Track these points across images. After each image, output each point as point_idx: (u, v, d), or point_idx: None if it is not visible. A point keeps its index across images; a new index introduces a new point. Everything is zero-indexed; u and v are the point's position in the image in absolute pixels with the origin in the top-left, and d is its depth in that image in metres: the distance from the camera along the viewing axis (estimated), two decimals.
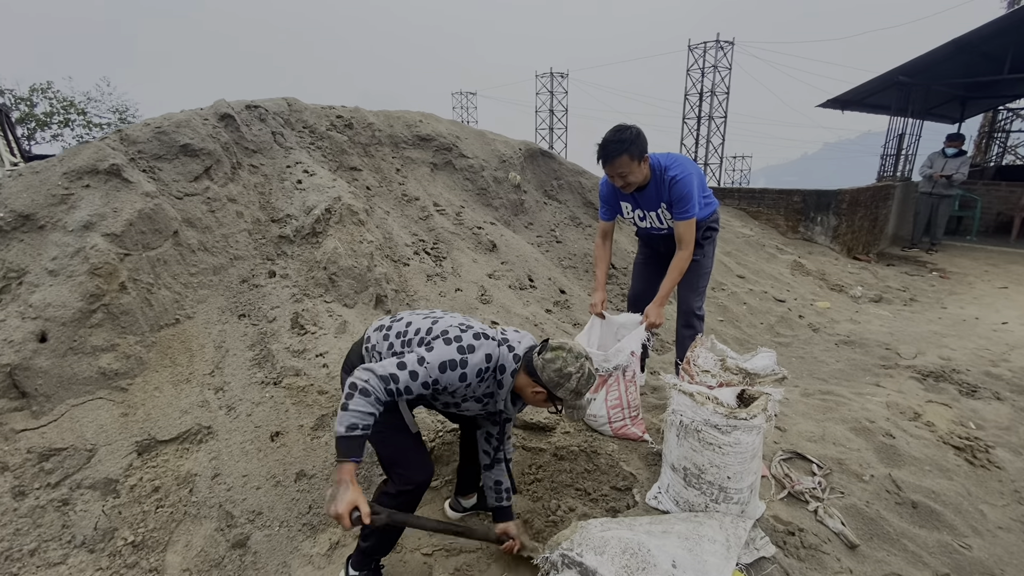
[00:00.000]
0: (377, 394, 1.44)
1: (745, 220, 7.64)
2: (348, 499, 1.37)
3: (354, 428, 1.40)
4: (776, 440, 2.56)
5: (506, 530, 1.83)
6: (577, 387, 1.57)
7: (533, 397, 1.64)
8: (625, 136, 2.27)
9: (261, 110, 3.73)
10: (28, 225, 2.36)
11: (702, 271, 2.78)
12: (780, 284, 5.63)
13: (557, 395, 1.59)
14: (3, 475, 1.93)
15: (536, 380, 1.59)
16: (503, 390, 1.63)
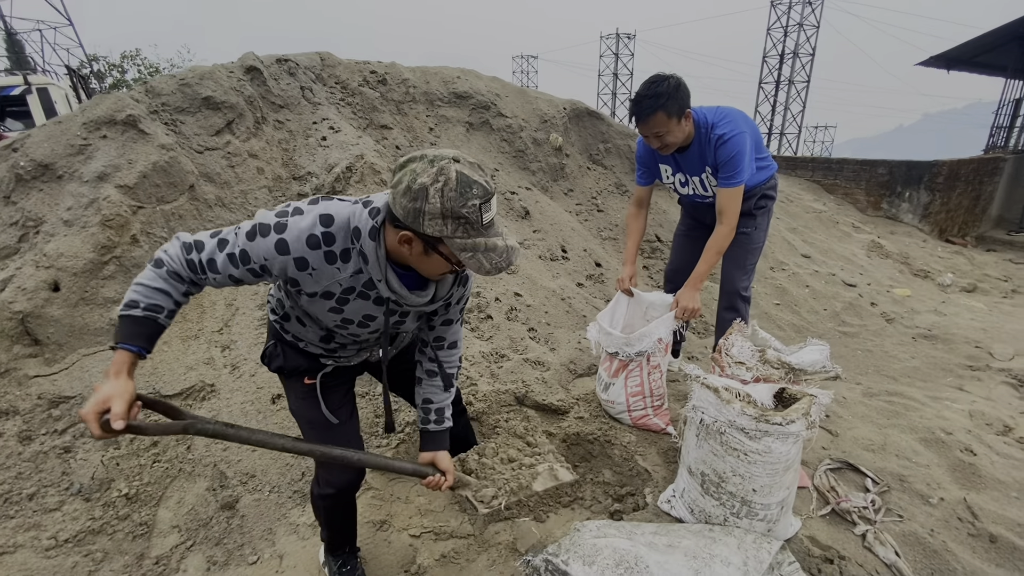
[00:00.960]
0: (172, 265, 1.09)
1: (818, 194, 6.88)
2: (101, 395, 1.00)
3: (134, 306, 1.07)
4: (825, 446, 2.22)
5: (433, 460, 1.39)
6: (446, 205, 0.97)
7: (415, 260, 1.10)
8: (661, 89, 1.92)
9: (291, 64, 3.62)
10: (48, 175, 2.37)
11: (752, 246, 2.41)
12: (852, 266, 5.01)
13: (426, 232, 1.00)
14: (13, 419, 1.98)
15: (395, 224, 1.05)
16: (372, 262, 1.10)
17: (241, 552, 1.82)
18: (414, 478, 1.50)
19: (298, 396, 1.41)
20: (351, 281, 1.14)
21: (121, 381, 1.03)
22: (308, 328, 1.31)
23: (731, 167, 2.03)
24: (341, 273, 1.13)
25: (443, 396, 1.45)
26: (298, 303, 1.23)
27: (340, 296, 1.17)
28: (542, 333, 3.01)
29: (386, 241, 1.11)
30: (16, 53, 23.38)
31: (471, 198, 0.99)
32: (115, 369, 1.04)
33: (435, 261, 1.08)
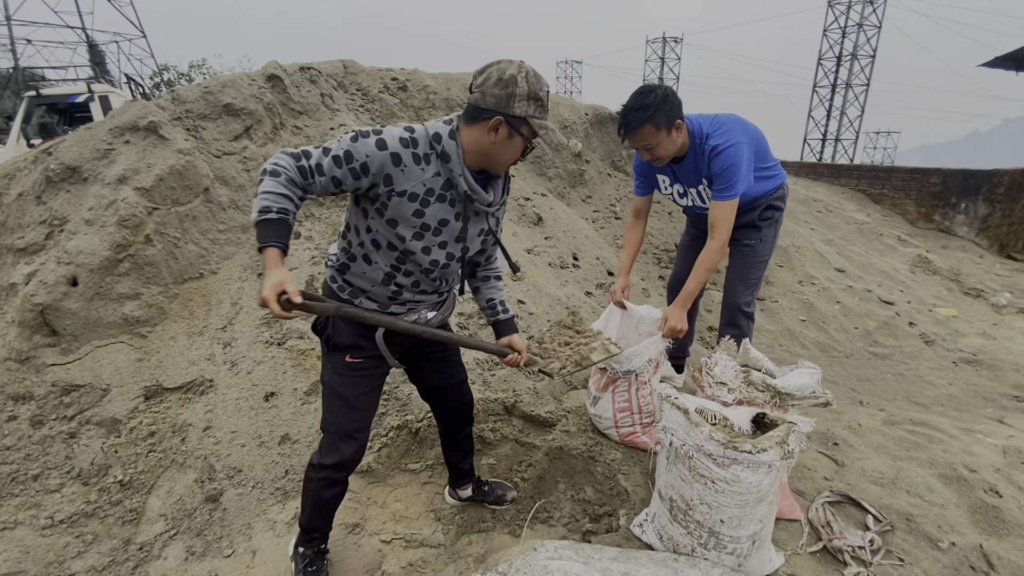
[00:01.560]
0: (288, 173, 1.23)
1: (863, 203, 6.48)
2: (273, 281, 1.16)
3: (267, 211, 1.20)
4: (828, 476, 2.07)
5: (510, 343, 1.63)
6: (530, 88, 1.23)
7: (497, 147, 1.29)
8: (648, 101, 1.86)
9: (313, 72, 3.74)
10: (74, 177, 2.54)
11: (757, 259, 2.29)
12: (891, 282, 4.69)
13: (515, 112, 1.23)
14: (28, 404, 2.13)
15: (483, 117, 1.25)
16: (453, 160, 1.29)
17: (219, 544, 1.88)
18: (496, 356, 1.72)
19: (335, 370, 1.49)
20: (432, 182, 1.31)
21: (283, 270, 1.19)
22: (373, 266, 1.40)
23: (725, 179, 1.93)
24: (424, 174, 1.30)
25: (501, 293, 1.68)
26: (379, 220, 1.33)
27: (423, 198, 1.31)
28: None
29: (464, 144, 1.31)
30: (97, 63, 25.43)
31: (543, 84, 1.28)
32: (272, 263, 1.19)
33: (514, 144, 1.30)
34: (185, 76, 24.31)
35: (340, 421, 1.51)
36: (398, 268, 1.41)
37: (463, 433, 1.89)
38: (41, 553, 1.78)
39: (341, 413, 1.50)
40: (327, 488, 1.56)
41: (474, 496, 1.99)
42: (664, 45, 36.82)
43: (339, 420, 1.52)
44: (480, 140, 1.29)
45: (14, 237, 2.48)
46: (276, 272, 1.17)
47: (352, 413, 1.51)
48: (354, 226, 1.40)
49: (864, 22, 24.21)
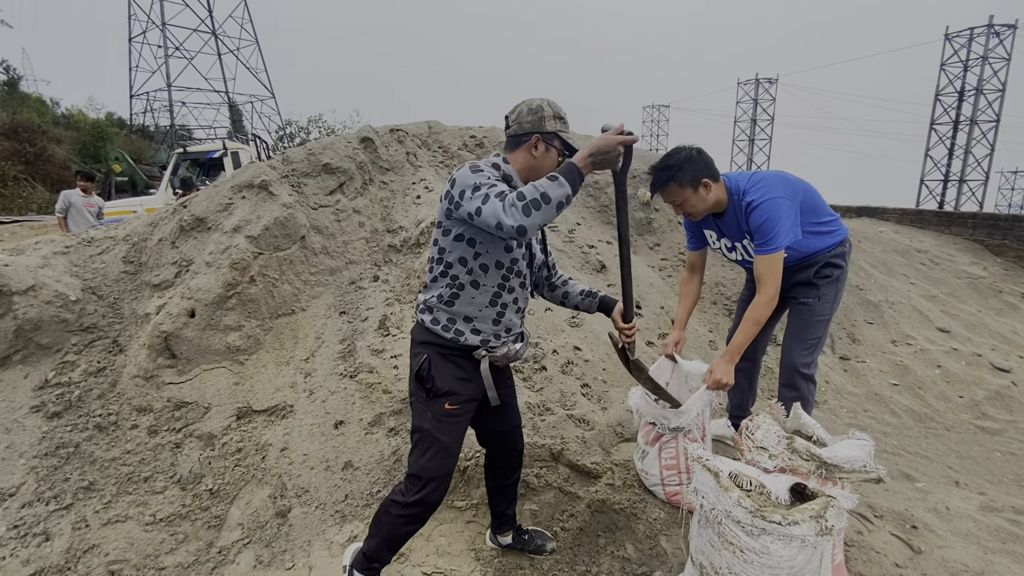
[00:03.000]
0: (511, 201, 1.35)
1: (979, 255, 5.80)
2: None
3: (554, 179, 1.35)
4: (900, 563, 1.88)
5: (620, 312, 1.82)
6: (555, 111, 1.56)
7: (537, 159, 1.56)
8: (672, 162, 1.97)
9: (401, 133, 4.20)
10: (201, 226, 3.05)
11: (815, 318, 2.19)
12: (1009, 347, 4.12)
13: (547, 130, 1.54)
14: (147, 415, 2.53)
15: (523, 140, 1.56)
16: (514, 180, 1.58)
17: (282, 557, 2.09)
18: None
19: (435, 417, 1.58)
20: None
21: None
22: (481, 291, 1.58)
23: (764, 233, 1.93)
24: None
25: (581, 284, 1.91)
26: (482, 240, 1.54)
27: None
28: (596, 390, 2.99)
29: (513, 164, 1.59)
30: (234, 121, 29.72)
31: (562, 108, 1.60)
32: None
33: (551, 156, 1.57)
34: (304, 130, 27.61)
35: (435, 467, 1.58)
36: (503, 286, 1.61)
37: (511, 479, 1.96)
38: (142, 546, 2.09)
39: (437, 458, 1.58)
40: (406, 525, 1.64)
41: (514, 543, 2.04)
42: (757, 86, 35.84)
43: (434, 466, 1.58)
44: (525, 159, 1.57)
45: (152, 275, 3.02)
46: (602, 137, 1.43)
47: (448, 459, 1.61)
48: (457, 260, 1.56)
49: (990, 55, 22.01)
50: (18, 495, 2.18)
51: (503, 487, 1.97)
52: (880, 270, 5.00)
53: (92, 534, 2.10)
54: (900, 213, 7.23)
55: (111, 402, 2.56)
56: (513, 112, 1.59)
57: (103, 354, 2.74)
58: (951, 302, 4.66)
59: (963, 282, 5.14)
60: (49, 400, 2.49)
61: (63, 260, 3.00)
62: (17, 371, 2.57)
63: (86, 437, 2.41)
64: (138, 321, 2.85)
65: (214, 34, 30.41)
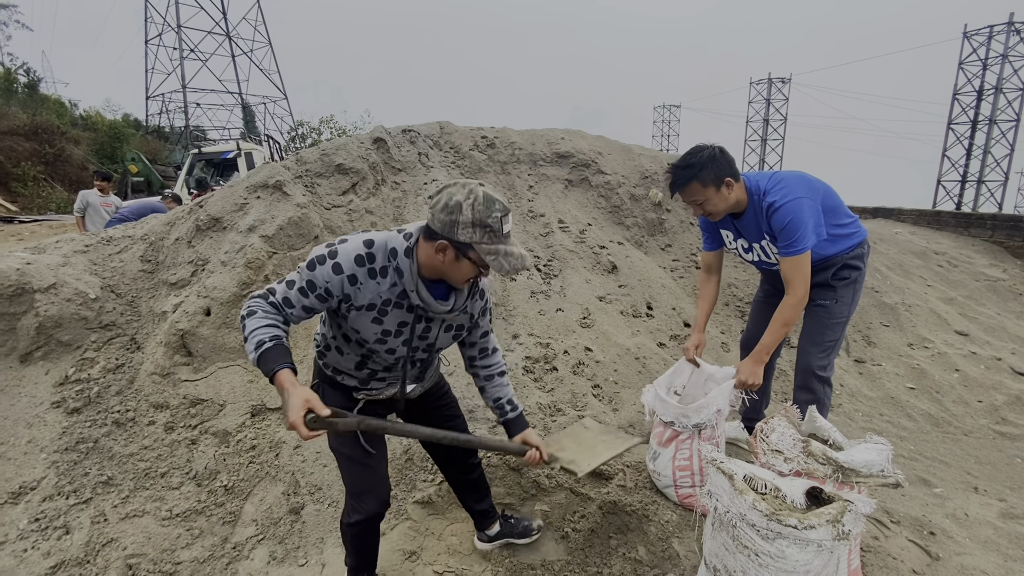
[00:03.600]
0: (261, 306, 1.33)
1: (998, 257, 5.70)
2: (297, 402, 1.19)
3: (261, 344, 1.27)
4: (918, 569, 1.85)
5: (524, 439, 1.65)
6: (475, 216, 1.23)
7: (447, 267, 1.31)
8: (695, 160, 1.94)
9: (413, 133, 4.22)
10: (216, 226, 3.09)
11: (831, 320, 2.17)
12: None
13: (459, 239, 1.25)
14: (164, 412, 2.57)
15: (433, 237, 1.29)
16: (407, 275, 1.34)
17: (295, 554, 2.11)
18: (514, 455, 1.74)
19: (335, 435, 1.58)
20: (388, 293, 1.37)
21: (303, 389, 1.24)
22: (345, 356, 1.51)
23: (788, 235, 1.91)
24: (380, 287, 1.36)
25: (508, 390, 1.72)
26: (345, 324, 1.42)
27: (380, 307, 1.38)
28: (607, 391, 2.98)
29: (419, 257, 1.35)
30: (247, 122, 30.04)
31: (494, 211, 1.26)
32: (289, 384, 1.23)
33: (464, 266, 1.31)
34: (316, 131, 27.85)
35: (355, 481, 1.60)
36: (368, 358, 1.50)
37: (474, 474, 1.92)
38: (159, 541, 2.12)
39: (353, 473, 1.59)
40: (363, 539, 1.69)
41: (502, 531, 2.03)
42: (770, 86, 35.51)
43: (353, 480, 1.60)
44: (432, 258, 1.32)
45: (169, 273, 3.06)
46: (296, 391, 1.21)
47: (363, 470, 1.59)
48: (326, 320, 1.51)
49: (1009, 53, 21.60)
50: (39, 488, 2.22)
51: (469, 483, 1.93)
52: (896, 272, 4.93)
53: (110, 528, 2.13)
54: (917, 214, 7.12)
55: (129, 398, 2.60)
56: (436, 195, 1.31)
57: (121, 351, 2.78)
58: (970, 305, 4.58)
59: (982, 285, 5.05)
60: (69, 396, 2.53)
61: (83, 259, 3.05)
62: (39, 367, 2.62)
63: (105, 433, 2.45)
64: (155, 319, 2.90)
65: (228, 36, 30.79)
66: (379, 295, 1.37)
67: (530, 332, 3.21)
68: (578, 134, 5.00)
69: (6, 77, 21.78)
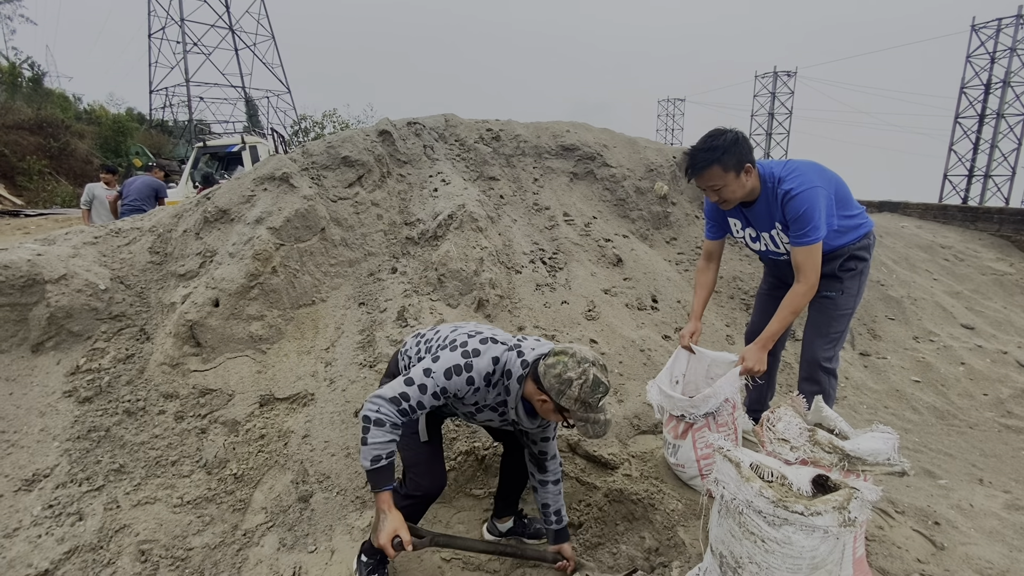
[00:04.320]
0: (392, 420, 1.51)
1: (1005, 251, 5.67)
2: (389, 528, 1.47)
3: (378, 460, 1.49)
4: (922, 558, 1.87)
5: (560, 550, 1.84)
6: (580, 395, 1.46)
7: (542, 407, 1.56)
8: (717, 143, 1.90)
9: (419, 126, 4.22)
10: (224, 218, 3.11)
11: (837, 312, 2.17)
12: None
13: (561, 404, 1.49)
14: (173, 401, 2.60)
15: (540, 388, 1.53)
16: (511, 396, 1.60)
17: (305, 541, 2.14)
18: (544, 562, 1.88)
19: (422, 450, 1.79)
20: (493, 401, 1.65)
21: (397, 514, 1.52)
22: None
23: (802, 224, 1.90)
24: (490, 395, 1.64)
25: (558, 499, 1.86)
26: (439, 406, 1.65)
27: (480, 405, 1.67)
28: (612, 383, 2.99)
29: (524, 387, 1.59)
30: (251, 115, 30.04)
31: (597, 394, 1.48)
32: (385, 507, 1.51)
33: (556, 416, 1.55)
34: (319, 124, 27.83)
35: (418, 459, 1.76)
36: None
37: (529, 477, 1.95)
38: (171, 527, 2.16)
39: (417, 452, 1.76)
40: (411, 510, 1.74)
41: (514, 528, 2.07)
42: (775, 79, 35.25)
43: (417, 458, 1.76)
44: (533, 397, 1.56)
45: (177, 265, 3.08)
46: (391, 517, 1.49)
47: (427, 448, 1.78)
48: None
49: (1018, 46, 21.37)
50: (52, 476, 2.25)
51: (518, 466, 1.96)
52: (902, 266, 4.92)
53: (123, 515, 2.17)
54: (923, 208, 7.09)
55: (139, 388, 2.63)
56: (555, 355, 1.52)
57: (131, 342, 2.81)
58: (976, 299, 4.57)
59: (988, 278, 5.03)
60: (80, 385, 2.56)
61: (92, 250, 3.08)
62: (50, 357, 2.65)
63: (116, 421, 2.48)
64: (164, 310, 2.92)
65: (231, 30, 30.73)
66: (485, 399, 1.64)
67: (536, 324, 3.22)
68: (583, 127, 4.99)
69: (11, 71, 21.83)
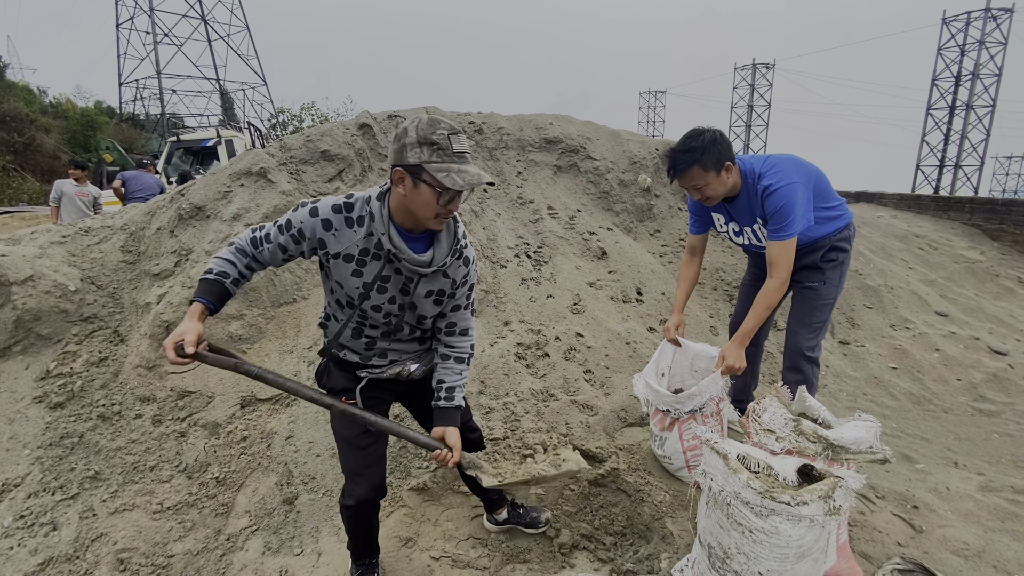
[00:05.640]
0: (239, 243, 1.44)
1: (976, 240, 5.83)
2: (178, 329, 1.32)
3: (209, 272, 1.40)
4: (902, 541, 1.91)
5: (442, 435, 1.52)
6: (420, 135, 1.26)
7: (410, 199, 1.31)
8: (696, 144, 1.92)
9: (399, 119, 4.14)
10: (199, 215, 3.02)
11: (820, 302, 2.20)
12: (1007, 330, 4.16)
13: (410, 162, 1.26)
14: (151, 405, 2.53)
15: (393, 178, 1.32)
16: (377, 220, 1.36)
17: (291, 543, 2.10)
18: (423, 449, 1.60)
19: (336, 414, 1.61)
20: (365, 243, 1.39)
21: (193, 322, 1.34)
22: (342, 323, 1.51)
23: (779, 219, 1.92)
24: (356, 235, 1.39)
25: (455, 377, 1.58)
26: (330, 280, 1.45)
27: (359, 258, 1.40)
28: (599, 376, 3.00)
29: (390, 203, 1.37)
30: (226, 109, 29.31)
31: (439, 129, 1.27)
32: (189, 315, 1.36)
33: (423, 193, 1.29)
34: (297, 118, 27.26)
35: (349, 463, 1.61)
36: (363, 323, 1.50)
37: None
38: (150, 534, 2.10)
39: (348, 454, 1.60)
40: (359, 522, 1.68)
41: (509, 519, 2.06)
42: (754, 72, 35.64)
43: (348, 462, 1.61)
44: (397, 196, 1.34)
45: (151, 264, 2.99)
46: (188, 322, 1.34)
47: (357, 452, 1.58)
48: (326, 290, 1.55)
49: (987, 39, 21.93)
50: (24, 485, 2.17)
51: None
52: (879, 255, 5.02)
53: (100, 523, 2.10)
54: (898, 198, 7.25)
55: (114, 392, 2.55)
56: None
57: (104, 344, 2.72)
58: (949, 286, 4.70)
59: (961, 266, 5.17)
60: (51, 391, 2.47)
61: (60, 250, 2.97)
62: (18, 362, 2.55)
63: (90, 427, 2.40)
64: (139, 311, 2.83)
65: (204, 20, 29.88)
66: (355, 244, 1.39)
67: (521, 319, 3.21)
68: (566, 119, 4.97)
69: None
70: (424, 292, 1.47)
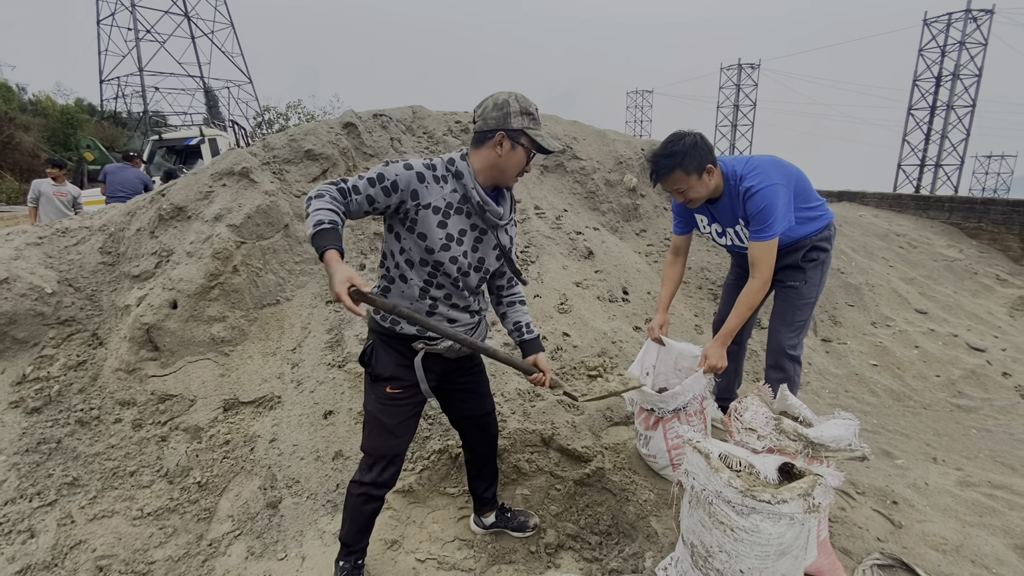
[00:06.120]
0: (331, 192, 1.45)
1: (955, 238, 5.94)
2: (341, 277, 1.32)
3: (320, 223, 1.38)
4: (881, 537, 1.94)
5: (536, 361, 1.75)
6: (521, 106, 1.49)
7: (504, 159, 1.51)
8: (677, 148, 1.94)
9: (385, 118, 4.12)
10: (180, 215, 2.97)
11: (801, 301, 2.23)
12: (984, 327, 4.25)
13: (513, 127, 1.48)
14: (131, 409, 2.48)
15: (488, 137, 1.50)
16: (466, 177, 1.52)
17: (274, 548, 2.08)
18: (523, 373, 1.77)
19: (378, 400, 1.66)
20: (451, 197, 1.53)
21: (347, 266, 1.36)
22: (409, 283, 1.57)
23: (761, 220, 1.94)
24: (444, 190, 1.52)
25: (527, 316, 1.82)
26: (411, 235, 1.52)
27: (444, 210, 1.52)
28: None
29: (474, 163, 1.54)
30: (210, 107, 28.91)
31: (532, 104, 1.53)
32: (335, 262, 1.35)
33: (518, 154, 1.51)
34: (283, 116, 26.96)
35: (381, 446, 1.68)
36: (431, 282, 1.58)
37: (488, 462, 2.00)
38: (131, 541, 2.07)
39: (382, 439, 1.68)
40: (365, 503, 1.71)
41: (497, 523, 2.07)
42: (740, 72, 35.96)
43: (380, 445, 1.68)
44: (489, 157, 1.52)
45: (131, 265, 2.94)
46: (341, 268, 1.33)
47: (392, 439, 1.68)
48: (389, 252, 1.59)
49: (967, 40, 22.35)
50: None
51: (479, 471, 2.01)
52: (861, 254, 5.10)
53: (78, 530, 2.06)
54: (879, 197, 7.36)
55: (93, 396, 2.50)
56: (479, 107, 1.54)
57: (82, 347, 2.67)
58: (928, 284, 4.78)
59: (940, 265, 5.27)
60: (28, 395, 2.42)
61: (37, 252, 2.90)
62: None
63: (68, 432, 2.35)
64: (118, 313, 2.78)
65: (187, 16, 29.42)
66: (443, 198, 1.52)
67: None
68: (553, 119, 4.97)
69: None
70: (492, 245, 1.64)
